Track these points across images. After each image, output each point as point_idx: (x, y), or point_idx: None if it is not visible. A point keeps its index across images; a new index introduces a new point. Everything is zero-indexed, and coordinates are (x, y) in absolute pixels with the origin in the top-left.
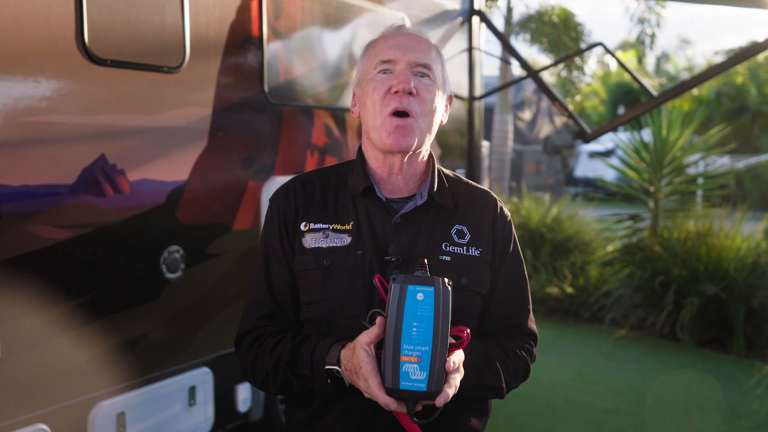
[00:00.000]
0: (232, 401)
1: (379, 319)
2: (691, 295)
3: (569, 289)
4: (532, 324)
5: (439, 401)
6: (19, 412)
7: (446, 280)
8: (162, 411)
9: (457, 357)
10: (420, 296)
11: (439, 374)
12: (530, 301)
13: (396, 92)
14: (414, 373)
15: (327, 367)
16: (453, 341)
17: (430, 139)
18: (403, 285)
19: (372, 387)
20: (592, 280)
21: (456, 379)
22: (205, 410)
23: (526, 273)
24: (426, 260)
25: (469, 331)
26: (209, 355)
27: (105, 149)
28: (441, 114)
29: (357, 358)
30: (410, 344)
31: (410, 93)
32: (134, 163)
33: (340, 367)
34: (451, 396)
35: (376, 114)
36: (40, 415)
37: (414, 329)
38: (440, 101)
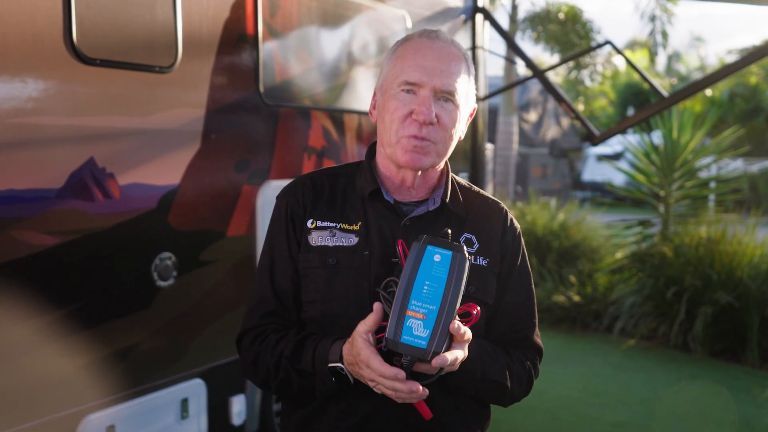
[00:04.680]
0: (226, 414)
1: (376, 305)
2: (703, 303)
3: (576, 298)
4: (538, 338)
5: (436, 362)
6: (4, 425)
7: (467, 250)
8: (153, 424)
9: (465, 328)
10: (437, 258)
11: (441, 336)
12: (536, 315)
13: (416, 119)
14: (417, 329)
15: (330, 365)
16: (461, 319)
17: (446, 156)
18: (423, 244)
19: (375, 367)
20: (600, 288)
21: (458, 353)
22: (198, 423)
23: (533, 286)
24: (449, 231)
25: (479, 309)
26: (202, 366)
27: (94, 152)
28: (461, 130)
29: (356, 348)
30: (419, 301)
31: (431, 123)
32: (124, 166)
33: (343, 363)
34: (448, 362)
35: (393, 132)
36: (27, 429)
37: (425, 287)
38: (461, 122)
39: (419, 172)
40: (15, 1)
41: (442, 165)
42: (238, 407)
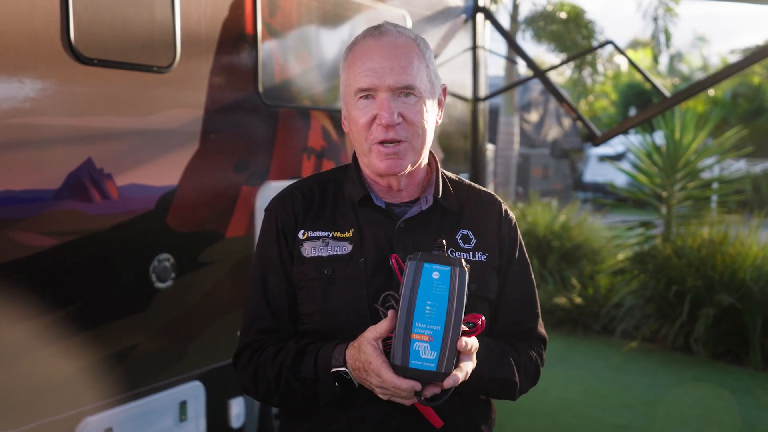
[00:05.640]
0: (225, 416)
1: (390, 312)
2: (705, 305)
3: (578, 300)
4: (542, 328)
5: (448, 383)
6: (2, 427)
7: (464, 261)
8: (151, 426)
9: (471, 341)
10: (436, 275)
11: (450, 355)
12: (538, 305)
13: (379, 124)
14: (424, 353)
15: (333, 369)
16: (466, 328)
17: (426, 149)
18: (419, 263)
19: (386, 378)
20: (602, 289)
21: (467, 366)
22: (197, 426)
23: (533, 276)
24: (444, 241)
25: (483, 318)
26: (201, 369)
27: (92, 153)
28: (434, 117)
29: (364, 355)
30: (422, 323)
31: (396, 124)
32: (122, 167)
33: (347, 367)
34: (460, 380)
35: (363, 142)
36: (25, 431)
37: (427, 308)
38: (431, 110)
39: (403, 175)
40: (12, 1)
41: (426, 160)
42: (237, 410)
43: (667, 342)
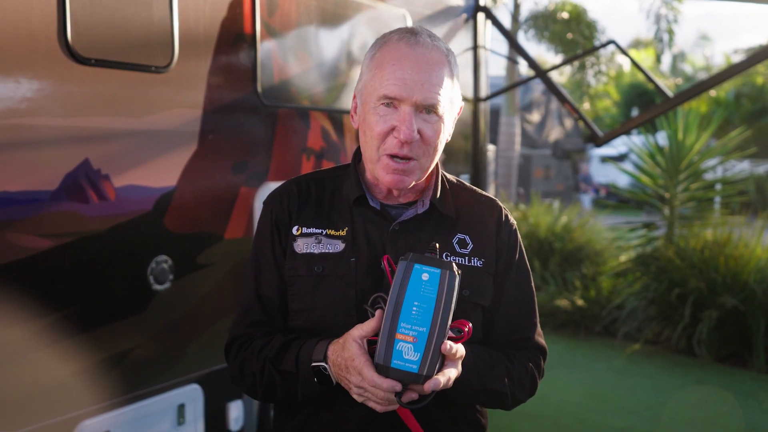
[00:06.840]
0: (224, 419)
1: (378, 312)
2: (708, 307)
3: (580, 302)
4: (540, 338)
5: (428, 386)
6: None
7: (455, 266)
8: (149, 429)
9: (457, 346)
10: (425, 276)
11: (432, 358)
12: (537, 314)
13: (396, 137)
14: (407, 353)
15: (313, 364)
16: (453, 335)
17: (432, 165)
18: (409, 263)
19: (367, 376)
20: (604, 291)
21: (451, 372)
22: (195, 429)
23: (533, 284)
24: (437, 244)
25: (471, 325)
26: (199, 371)
27: (89, 153)
28: (446, 135)
29: (348, 352)
30: (408, 323)
31: (413, 141)
32: (120, 168)
33: (327, 363)
34: (441, 385)
35: (373, 149)
36: None
37: (414, 309)
38: (446, 128)
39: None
40: (9, 0)
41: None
42: (236, 413)
43: (669, 344)
